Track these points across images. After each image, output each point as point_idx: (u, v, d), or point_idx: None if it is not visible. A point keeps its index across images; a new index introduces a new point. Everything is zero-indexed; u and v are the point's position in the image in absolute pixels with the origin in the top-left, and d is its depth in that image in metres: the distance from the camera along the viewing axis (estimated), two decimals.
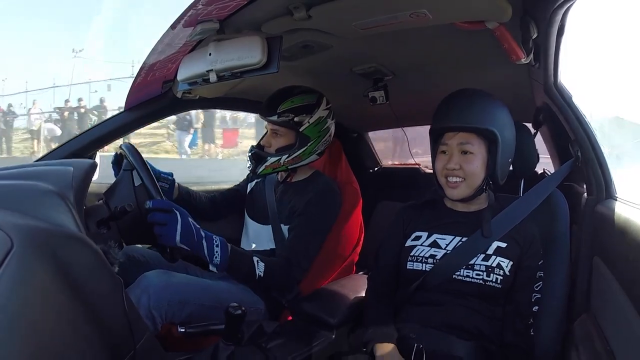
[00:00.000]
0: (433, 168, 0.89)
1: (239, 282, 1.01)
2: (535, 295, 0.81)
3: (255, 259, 0.94)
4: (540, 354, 0.78)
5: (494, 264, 0.79)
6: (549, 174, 1.18)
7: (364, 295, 1.08)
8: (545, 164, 1.21)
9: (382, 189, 1.70)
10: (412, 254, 0.85)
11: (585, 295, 0.76)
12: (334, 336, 0.92)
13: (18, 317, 0.41)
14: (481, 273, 0.79)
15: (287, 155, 1.08)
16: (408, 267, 0.85)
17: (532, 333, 0.79)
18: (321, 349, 0.89)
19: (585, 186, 0.87)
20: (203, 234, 0.85)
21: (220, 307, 0.91)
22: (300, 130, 1.07)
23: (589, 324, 0.70)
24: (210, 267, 0.87)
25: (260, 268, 0.94)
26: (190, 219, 0.83)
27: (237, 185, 1.30)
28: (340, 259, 1.25)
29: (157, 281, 0.89)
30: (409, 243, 0.88)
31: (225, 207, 1.27)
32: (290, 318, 1.07)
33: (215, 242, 0.87)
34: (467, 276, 0.80)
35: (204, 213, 1.22)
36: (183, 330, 0.86)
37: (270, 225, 1.13)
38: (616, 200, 0.75)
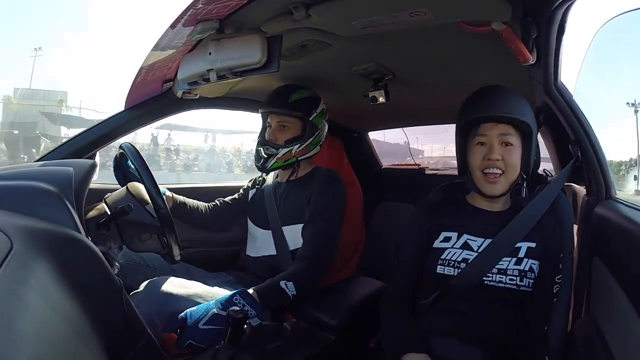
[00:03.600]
0: (464, 162, 0.85)
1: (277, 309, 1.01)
2: (556, 287, 0.77)
3: (282, 283, 0.95)
4: (545, 355, 0.77)
5: (527, 268, 0.77)
6: (549, 173, 1.18)
7: (364, 296, 1.07)
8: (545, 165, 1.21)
9: (383, 189, 1.70)
10: (443, 257, 0.81)
11: (586, 295, 0.76)
12: (334, 338, 0.92)
13: (17, 318, 0.41)
14: (514, 278, 0.76)
15: (298, 145, 1.10)
16: (438, 272, 0.80)
17: (545, 328, 0.76)
18: (321, 350, 0.89)
19: (585, 186, 0.86)
20: (225, 313, 0.81)
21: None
22: (311, 119, 1.10)
23: (589, 324, 0.70)
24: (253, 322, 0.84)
25: (290, 289, 0.96)
26: (214, 312, 0.82)
27: (238, 194, 1.30)
28: (342, 260, 1.25)
29: (162, 290, 0.87)
30: (438, 244, 0.83)
31: (225, 218, 1.26)
32: (290, 318, 1.07)
33: (238, 301, 0.85)
34: (500, 281, 0.76)
35: (202, 223, 1.23)
36: None
37: (270, 231, 1.13)
38: (616, 201, 0.75)
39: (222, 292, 0.96)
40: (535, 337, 0.76)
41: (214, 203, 1.26)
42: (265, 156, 1.10)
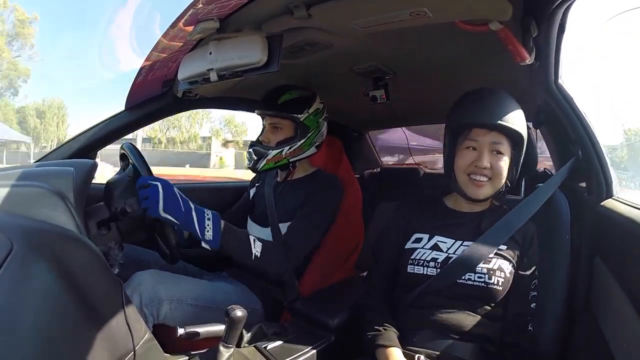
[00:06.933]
0: (450, 163, 0.85)
1: (235, 261, 0.98)
2: (531, 293, 0.80)
3: (252, 237, 0.94)
4: (540, 354, 0.78)
5: (495, 267, 0.78)
6: (550, 172, 1.18)
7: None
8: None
9: (382, 189, 1.70)
10: (412, 257, 0.83)
11: (586, 295, 0.76)
12: (334, 338, 0.92)
13: (18, 318, 0.41)
14: (483, 276, 0.77)
15: (288, 147, 1.09)
16: (409, 271, 0.82)
17: (530, 329, 0.78)
18: (321, 350, 0.89)
19: (585, 186, 0.86)
20: (192, 206, 0.84)
21: (214, 308, 0.92)
22: (301, 119, 1.09)
23: (590, 324, 0.70)
24: (203, 244, 0.85)
25: (257, 247, 0.93)
26: (175, 190, 0.82)
27: (242, 199, 1.31)
28: (339, 260, 1.24)
29: (149, 280, 0.89)
30: (409, 245, 0.85)
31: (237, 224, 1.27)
32: (289, 319, 1.07)
33: (207, 215, 0.85)
34: (470, 279, 0.78)
35: None
36: (183, 331, 0.86)
37: (269, 228, 1.13)
38: (616, 200, 0.75)
39: (215, 285, 0.98)
40: (524, 333, 0.78)
41: (233, 216, 1.26)
42: (256, 158, 1.10)
